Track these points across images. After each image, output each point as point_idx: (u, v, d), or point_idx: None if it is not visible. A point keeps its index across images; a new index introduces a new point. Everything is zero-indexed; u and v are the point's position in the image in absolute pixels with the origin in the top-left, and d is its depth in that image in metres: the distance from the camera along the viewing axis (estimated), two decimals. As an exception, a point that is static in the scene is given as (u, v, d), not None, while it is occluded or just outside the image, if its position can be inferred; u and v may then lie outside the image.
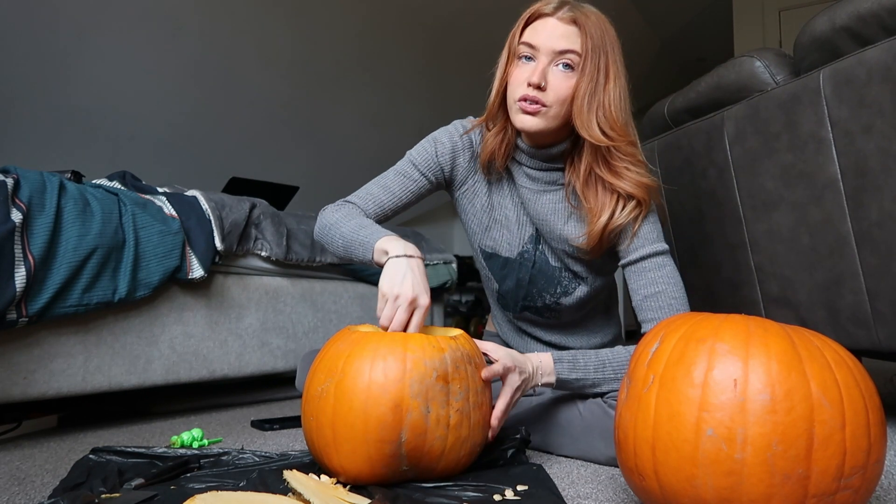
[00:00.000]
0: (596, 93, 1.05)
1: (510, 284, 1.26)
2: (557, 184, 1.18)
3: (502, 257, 1.25)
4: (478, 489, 0.88)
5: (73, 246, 1.31)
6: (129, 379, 1.48)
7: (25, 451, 1.22)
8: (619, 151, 1.08)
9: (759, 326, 0.71)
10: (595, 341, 1.32)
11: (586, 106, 1.05)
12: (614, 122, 1.06)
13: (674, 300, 1.10)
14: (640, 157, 1.11)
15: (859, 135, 1.19)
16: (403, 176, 1.21)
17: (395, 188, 1.20)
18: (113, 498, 0.82)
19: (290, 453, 1.07)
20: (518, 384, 1.01)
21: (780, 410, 0.64)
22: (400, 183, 1.21)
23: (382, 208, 1.20)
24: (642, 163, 1.11)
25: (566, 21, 1.06)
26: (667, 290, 1.10)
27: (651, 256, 1.12)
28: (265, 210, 1.80)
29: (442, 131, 1.24)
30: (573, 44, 1.05)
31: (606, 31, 1.07)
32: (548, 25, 1.06)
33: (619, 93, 1.07)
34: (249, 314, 1.75)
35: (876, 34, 1.17)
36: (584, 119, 1.05)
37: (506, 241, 1.24)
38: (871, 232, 1.20)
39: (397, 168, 1.23)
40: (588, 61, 1.05)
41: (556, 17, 1.06)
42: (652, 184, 1.11)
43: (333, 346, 0.93)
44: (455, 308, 5.36)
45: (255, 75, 3.20)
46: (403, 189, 1.21)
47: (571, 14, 1.06)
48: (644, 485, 0.73)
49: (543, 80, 1.05)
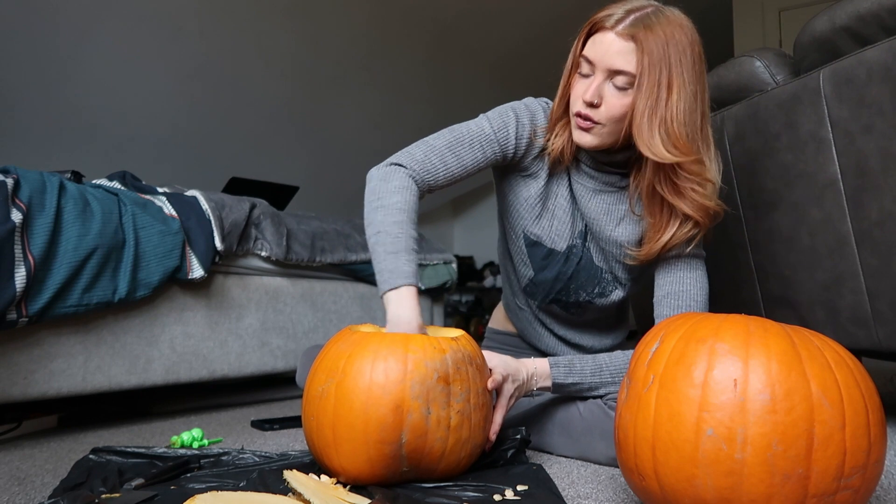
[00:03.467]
0: (657, 109, 1.00)
1: (548, 275, 1.23)
2: (615, 186, 1.17)
3: (547, 248, 1.22)
4: (478, 489, 0.88)
5: (73, 246, 1.31)
6: (129, 379, 1.48)
7: (25, 451, 1.22)
8: (683, 170, 1.03)
9: (759, 326, 0.71)
10: (606, 342, 1.33)
11: (646, 124, 1.01)
12: (677, 139, 1.00)
13: (694, 303, 1.10)
14: (709, 175, 1.05)
15: (859, 135, 1.19)
16: (479, 149, 1.14)
17: (467, 161, 1.14)
18: (113, 498, 0.82)
19: (290, 453, 1.07)
20: (511, 393, 1.03)
21: (780, 410, 0.64)
22: (472, 157, 1.14)
23: (447, 181, 1.14)
24: (710, 182, 1.06)
25: (624, 37, 1.00)
26: (690, 291, 1.10)
27: (688, 257, 1.12)
28: (265, 210, 1.80)
29: (524, 111, 1.17)
30: (628, 63, 1.00)
31: (672, 41, 1.00)
32: (605, 41, 1.02)
33: (685, 106, 1.01)
34: (249, 314, 1.75)
35: (876, 34, 1.17)
36: (644, 138, 1.01)
37: (555, 233, 1.21)
38: (871, 232, 1.20)
39: (473, 137, 1.14)
40: (645, 78, 0.99)
41: (615, 32, 1.01)
42: (716, 208, 1.07)
43: (334, 347, 0.93)
44: (455, 308, 5.36)
45: (256, 75, 3.20)
46: (474, 162, 1.14)
47: (631, 30, 1.00)
48: (644, 485, 0.73)
49: (597, 97, 1.03)
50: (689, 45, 1.01)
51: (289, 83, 3.36)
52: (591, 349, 1.30)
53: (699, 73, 1.03)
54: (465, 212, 6.01)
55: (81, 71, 2.65)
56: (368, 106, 3.78)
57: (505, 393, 1.02)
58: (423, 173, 1.11)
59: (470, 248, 5.84)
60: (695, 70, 1.02)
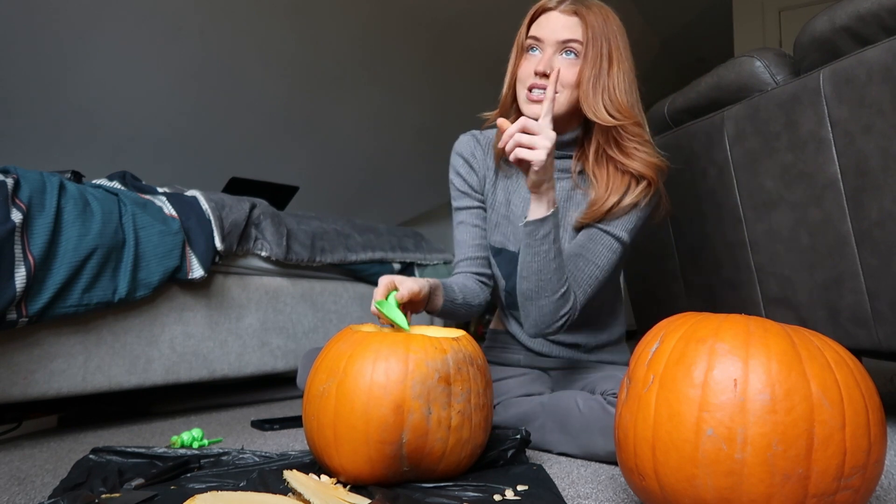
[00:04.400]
0: (600, 77, 1.11)
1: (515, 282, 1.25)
2: (568, 171, 1.22)
3: (510, 252, 1.26)
4: (478, 489, 0.88)
5: (73, 246, 1.31)
6: (129, 379, 1.48)
7: (25, 451, 1.22)
8: (626, 132, 1.13)
9: (759, 326, 0.71)
10: (602, 338, 1.33)
11: (591, 90, 1.11)
12: (620, 104, 1.11)
13: (594, 280, 1.14)
14: (646, 136, 1.16)
15: (859, 135, 1.19)
16: (472, 225, 1.30)
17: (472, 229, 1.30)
18: (113, 498, 0.82)
19: (290, 453, 1.07)
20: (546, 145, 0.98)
21: (780, 410, 0.64)
22: (471, 218, 1.30)
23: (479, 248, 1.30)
24: (649, 143, 1.16)
25: (568, 13, 1.13)
26: (597, 268, 1.15)
27: (611, 235, 1.16)
28: (265, 210, 1.80)
29: (452, 157, 1.32)
30: (575, 33, 1.12)
31: (608, 20, 1.13)
32: (551, 18, 1.14)
33: (624, 77, 1.13)
34: (249, 314, 1.75)
35: (876, 34, 1.17)
36: (590, 102, 1.11)
37: (513, 236, 1.25)
38: (871, 232, 1.20)
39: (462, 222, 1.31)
40: (590, 48, 1.11)
41: (559, 10, 1.13)
42: (661, 163, 1.16)
43: (335, 347, 0.93)
44: (455, 308, 5.34)
45: (256, 75, 3.20)
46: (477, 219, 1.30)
47: (573, 6, 1.13)
48: (644, 485, 0.73)
49: (549, 67, 1.10)
50: (621, 30, 1.15)
51: (289, 83, 3.36)
52: (587, 346, 1.30)
53: (630, 58, 1.15)
54: (465, 212, 6.01)
55: (82, 71, 2.65)
56: (368, 106, 3.78)
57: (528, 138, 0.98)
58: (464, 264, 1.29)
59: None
60: (627, 52, 1.15)
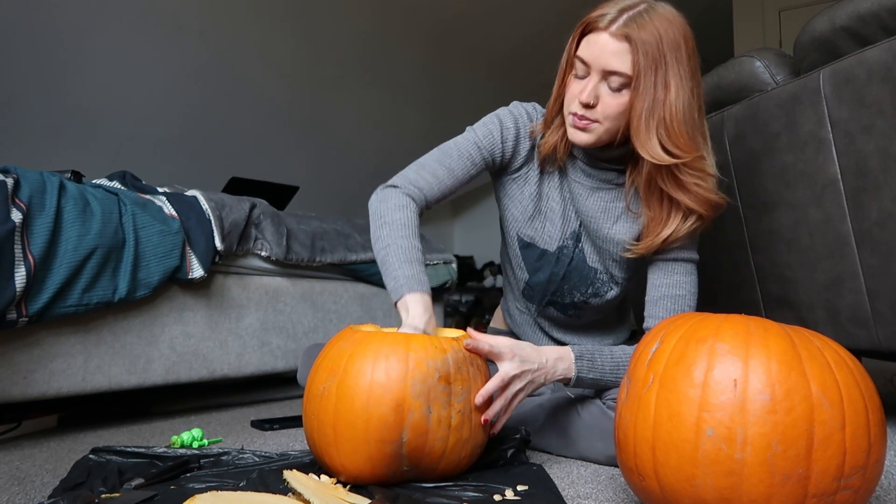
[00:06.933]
0: (654, 109, 1.00)
1: (542, 277, 1.24)
2: (612, 183, 1.17)
3: (539, 248, 1.23)
4: (478, 489, 0.88)
5: (73, 246, 1.31)
6: (129, 379, 1.48)
7: (25, 451, 1.22)
8: (686, 166, 1.03)
9: (759, 326, 0.71)
10: (608, 342, 1.33)
11: (643, 125, 1.00)
12: (678, 138, 1.00)
13: (689, 308, 1.12)
14: (710, 170, 1.06)
15: (859, 135, 1.19)
16: (467, 158, 1.16)
17: (457, 171, 1.16)
18: (113, 498, 0.82)
19: (290, 453, 1.07)
20: (520, 388, 0.97)
21: (780, 410, 0.64)
22: (461, 166, 1.16)
23: (442, 193, 1.17)
24: (712, 176, 1.06)
25: (618, 37, 0.99)
26: (686, 298, 1.12)
27: (685, 261, 1.14)
28: (265, 210, 1.80)
29: (507, 115, 1.19)
30: (623, 64, 0.99)
31: (666, 37, 0.99)
32: (599, 41, 1.01)
33: (683, 102, 1.00)
34: (249, 314, 1.75)
35: (876, 34, 1.17)
36: (642, 139, 1.01)
37: (547, 234, 1.22)
38: (871, 232, 1.20)
39: (460, 148, 1.17)
40: (642, 79, 0.99)
41: (609, 33, 1.00)
42: (720, 201, 1.07)
43: (336, 346, 0.93)
44: (455, 308, 5.36)
45: (256, 75, 3.20)
46: (465, 172, 1.17)
47: (625, 29, 0.99)
48: (644, 485, 0.73)
49: (593, 98, 1.03)
50: (683, 40, 1.01)
51: (288, 83, 3.36)
52: None
53: (693, 69, 1.03)
54: (465, 212, 6.02)
55: (82, 71, 2.65)
56: (368, 106, 3.78)
57: (511, 388, 0.96)
58: (417, 190, 1.14)
59: (470, 248, 5.84)
60: (689, 66, 1.02)
